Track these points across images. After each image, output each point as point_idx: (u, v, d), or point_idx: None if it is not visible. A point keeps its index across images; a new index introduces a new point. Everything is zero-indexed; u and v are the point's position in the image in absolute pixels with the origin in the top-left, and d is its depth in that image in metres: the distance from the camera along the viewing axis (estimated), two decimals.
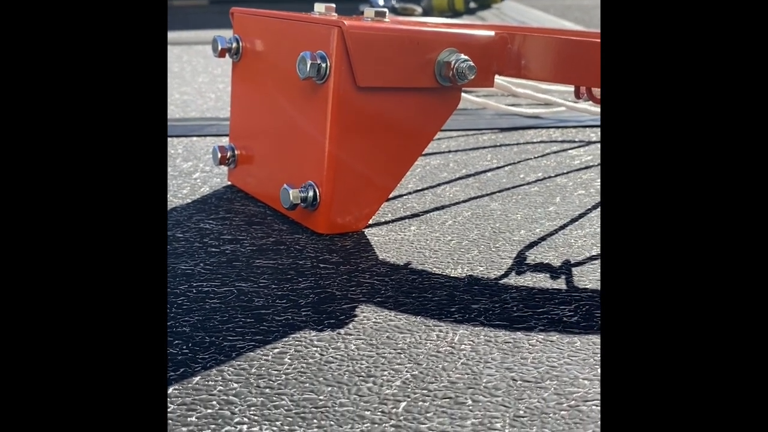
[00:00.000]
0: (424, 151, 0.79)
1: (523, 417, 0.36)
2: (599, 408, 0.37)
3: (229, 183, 0.72)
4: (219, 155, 0.69)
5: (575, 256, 0.56)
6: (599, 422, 0.36)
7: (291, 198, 0.58)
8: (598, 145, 0.87)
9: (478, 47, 0.61)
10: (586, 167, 0.78)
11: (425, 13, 2.19)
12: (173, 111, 1.01)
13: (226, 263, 0.54)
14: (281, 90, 0.62)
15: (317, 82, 0.57)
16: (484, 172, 0.77)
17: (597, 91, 0.65)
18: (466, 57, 0.59)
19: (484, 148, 0.86)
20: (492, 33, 0.62)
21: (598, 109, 0.92)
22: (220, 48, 0.67)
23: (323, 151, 0.57)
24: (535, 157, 0.82)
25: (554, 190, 0.71)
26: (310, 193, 0.58)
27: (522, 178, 0.74)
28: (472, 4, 2.37)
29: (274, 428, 0.35)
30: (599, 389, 0.39)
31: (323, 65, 0.56)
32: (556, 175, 0.75)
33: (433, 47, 0.59)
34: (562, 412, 0.37)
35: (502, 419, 0.36)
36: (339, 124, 0.57)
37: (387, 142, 0.60)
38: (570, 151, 0.84)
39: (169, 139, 0.87)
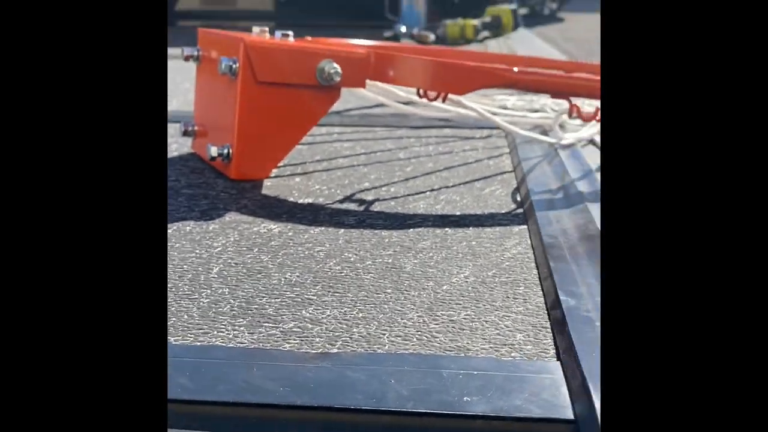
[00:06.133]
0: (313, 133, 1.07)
1: None
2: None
3: (192, 150, 1.02)
4: (183, 129, 1.00)
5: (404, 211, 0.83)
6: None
7: (211, 152, 0.87)
8: (472, 141, 1.13)
9: (348, 59, 0.89)
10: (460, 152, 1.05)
11: (439, 40, 2.48)
12: (190, 103, 1.33)
13: None
14: (215, 84, 0.92)
15: (231, 78, 0.87)
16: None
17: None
18: (337, 66, 0.87)
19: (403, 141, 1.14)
20: (362, 50, 0.91)
21: (485, 114, 1.18)
22: (185, 54, 0.98)
23: (234, 124, 0.87)
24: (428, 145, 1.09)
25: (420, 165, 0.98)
26: (225, 151, 0.87)
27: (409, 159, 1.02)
28: (486, 33, 2.65)
29: None
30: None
31: (234, 66, 0.85)
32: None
33: (316, 58, 0.88)
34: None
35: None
36: (245, 107, 0.86)
37: (282, 121, 0.88)
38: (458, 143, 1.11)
39: (169, 124, 1.18)
